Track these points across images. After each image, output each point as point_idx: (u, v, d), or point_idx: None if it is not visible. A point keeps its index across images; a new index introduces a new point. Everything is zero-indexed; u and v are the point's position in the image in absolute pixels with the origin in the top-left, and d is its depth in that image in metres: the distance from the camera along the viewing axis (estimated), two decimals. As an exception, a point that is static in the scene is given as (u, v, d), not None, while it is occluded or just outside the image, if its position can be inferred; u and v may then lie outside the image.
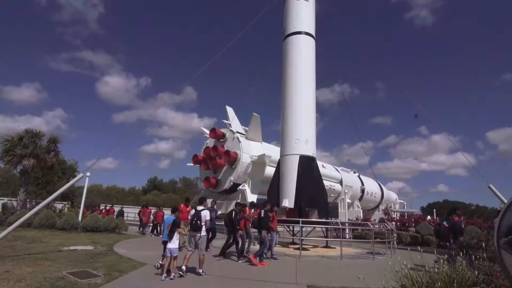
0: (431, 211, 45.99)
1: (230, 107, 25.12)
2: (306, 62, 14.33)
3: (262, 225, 9.13)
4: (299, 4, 15.02)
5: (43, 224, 15.55)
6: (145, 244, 12.06)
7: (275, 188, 13.83)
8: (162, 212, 16.26)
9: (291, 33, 14.64)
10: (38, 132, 21.38)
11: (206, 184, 22.71)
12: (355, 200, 31.70)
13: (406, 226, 18.07)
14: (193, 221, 6.77)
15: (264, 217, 9.19)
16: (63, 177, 33.70)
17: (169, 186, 62.99)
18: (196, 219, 6.76)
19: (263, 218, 9.19)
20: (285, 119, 13.95)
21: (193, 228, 6.76)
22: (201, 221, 6.71)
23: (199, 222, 6.70)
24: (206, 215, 6.80)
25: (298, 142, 13.35)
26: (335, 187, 28.32)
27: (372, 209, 36.55)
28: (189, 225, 6.89)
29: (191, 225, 6.80)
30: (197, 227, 6.70)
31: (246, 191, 22.12)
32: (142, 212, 18.02)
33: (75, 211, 18.74)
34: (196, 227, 6.70)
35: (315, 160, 13.76)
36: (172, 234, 6.55)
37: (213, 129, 23.48)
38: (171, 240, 6.53)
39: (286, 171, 13.38)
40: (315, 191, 13.14)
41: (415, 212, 23.94)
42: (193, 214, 6.96)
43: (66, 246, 10.29)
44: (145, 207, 17.96)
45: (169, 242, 6.52)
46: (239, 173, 21.90)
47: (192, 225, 6.78)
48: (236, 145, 22.35)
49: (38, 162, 20.90)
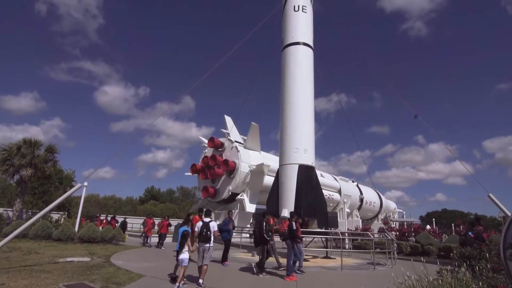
0: (430, 220, 45.84)
1: (228, 117, 25.20)
2: (304, 72, 14.44)
3: (294, 237, 8.70)
4: (297, 15, 15.23)
5: (39, 235, 15.32)
6: (143, 255, 11.89)
7: (275, 197, 13.75)
8: (167, 222, 15.77)
9: (290, 43, 14.80)
10: (36, 141, 21.27)
11: (205, 194, 22.57)
12: (354, 209, 31.58)
13: (406, 235, 17.95)
14: (203, 233, 6.88)
15: (296, 229, 8.78)
16: (60, 187, 33.36)
17: (166, 196, 62.47)
18: (205, 230, 6.86)
19: (296, 230, 8.73)
20: (284, 128, 13.97)
21: (202, 240, 6.86)
22: (211, 232, 6.84)
23: (209, 233, 6.84)
24: (214, 226, 6.98)
25: (297, 152, 13.34)
26: (334, 197, 28.23)
27: (371, 218, 36.36)
28: (198, 237, 6.99)
29: (201, 236, 6.90)
30: (207, 238, 6.83)
31: (245, 200, 22.00)
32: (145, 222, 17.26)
33: (71, 221, 18.48)
34: (206, 238, 6.83)
35: (314, 170, 13.74)
36: (182, 245, 6.69)
37: (211, 138, 23.47)
38: (182, 251, 6.65)
39: (285, 180, 13.33)
40: (315, 200, 13.08)
41: (414, 222, 23.82)
42: (201, 225, 7.04)
43: (63, 257, 10.12)
44: (148, 217, 17.24)
45: (180, 253, 6.64)
46: (238, 182, 21.82)
47: (201, 236, 6.88)
48: (235, 154, 22.32)
49: (36, 172, 20.73)
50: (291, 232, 8.65)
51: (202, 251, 6.85)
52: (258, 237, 8.84)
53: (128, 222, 21.09)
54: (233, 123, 24.42)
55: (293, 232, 8.65)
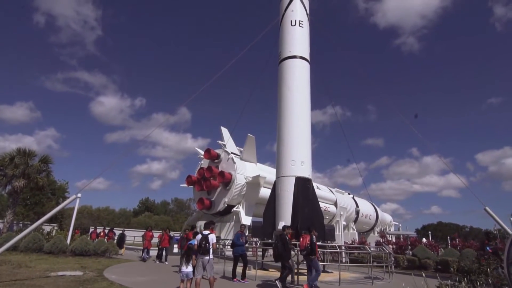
0: (426, 233, 45.76)
1: (225, 128, 25.21)
2: (301, 85, 14.58)
3: (314, 252, 8.51)
4: (294, 29, 15.48)
5: (30, 248, 14.96)
6: (137, 269, 11.63)
7: (271, 210, 13.65)
8: (167, 235, 15.12)
9: (287, 57, 14.99)
10: (30, 151, 21.01)
11: (200, 206, 22.32)
12: (350, 222, 31.40)
13: (403, 249, 17.84)
14: (202, 245, 6.90)
15: (316, 243, 8.58)
16: (53, 198, 32.87)
17: (161, 208, 61.66)
18: (205, 242, 6.87)
19: (315, 244, 8.53)
20: (281, 140, 14.00)
21: (202, 252, 6.87)
22: (209, 244, 6.87)
23: (208, 245, 6.86)
24: (213, 238, 7.00)
25: (294, 164, 13.33)
26: (330, 209, 28.10)
27: (367, 231, 36.15)
28: (197, 249, 7.00)
29: (200, 248, 6.91)
30: (206, 250, 6.84)
31: (241, 213, 21.78)
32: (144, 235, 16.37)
33: (63, 233, 18.11)
34: (205, 251, 6.84)
35: (311, 182, 13.71)
36: (188, 258, 6.75)
37: (207, 150, 23.38)
38: (187, 264, 6.69)
39: (282, 192, 13.26)
40: (312, 213, 13.00)
41: (411, 235, 23.71)
42: (201, 238, 7.03)
43: (54, 271, 9.86)
44: (148, 230, 16.45)
45: (184, 266, 6.68)
46: (234, 194, 21.65)
47: (200, 249, 6.89)
48: (231, 166, 22.23)
49: (28, 183, 20.41)
50: (312, 247, 8.44)
51: (202, 264, 6.86)
52: (281, 251, 8.48)
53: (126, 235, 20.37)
54: (230, 135, 24.40)
55: (313, 247, 8.44)
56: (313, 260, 8.49)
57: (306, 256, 8.67)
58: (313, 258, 8.47)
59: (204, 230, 7.26)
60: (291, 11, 15.79)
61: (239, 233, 10.36)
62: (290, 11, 15.80)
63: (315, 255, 8.47)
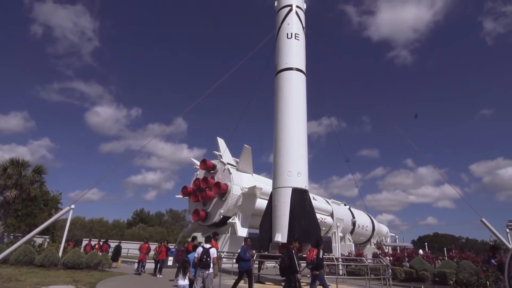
0: (422, 244, 45.50)
1: (221, 139, 25.18)
2: (297, 96, 14.71)
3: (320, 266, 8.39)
4: (290, 42, 15.70)
5: (21, 260, 14.58)
6: (130, 283, 11.38)
7: (268, 221, 13.54)
8: (165, 247, 14.54)
9: (283, 69, 15.15)
10: (24, 162, 20.73)
11: (195, 217, 22.07)
12: (347, 233, 31.21)
13: (400, 261, 17.71)
14: (203, 259, 6.86)
15: (322, 258, 8.44)
16: (45, 209, 32.28)
17: (155, 219, 60.80)
18: (205, 256, 6.84)
19: (321, 259, 8.39)
20: (277, 151, 14.00)
21: (202, 266, 6.83)
22: (210, 258, 6.83)
23: (208, 259, 6.83)
24: (213, 253, 6.96)
25: (290, 175, 13.32)
26: (327, 220, 27.94)
27: (363, 242, 35.92)
28: (198, 263, 6.95)
29: (200, 262, 6.87)
30: (206, 264, 6.81)
31: (236, 224, 21.56)
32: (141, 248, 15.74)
33: (55, 246, 17.71)
34: (206, 264, 6.81)
35: (308, 193, 13.67)
36: (185, 271, 6.67)
37: (203, 160, 23.27)
38: (184, 277, 6.59)
39: (279, 204, 13.20)
40: (309, 224, 12.92)
41: (407, 246, 23.62)
42: (202, 251, 6.98)
43: (45, 285, 9.60)
44: (144, 242, 15.75)
45: (182, 279, 6.58)
46: (230, 205, 21.47)
47: (201, 263, 6.85)
48: (227, 176, 22.11)
49: (21, 193, 20.06)
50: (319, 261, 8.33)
51: (202, 278, 6.81)
52: (288, 265, 8.09)
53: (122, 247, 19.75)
54: (226, 145, 24.35)
55: (319, 261, 8.33)
56: (320, 275, 8.36)
57: (312, 270, 8.56)
58: (318, 272, 8.34)
59: (205, 243, 7.21)
60: (287, 24, 16.06)
61: (245, 247, 9.85)
62: (286, 24, 16.07)
63: (322, 269, 8.36)
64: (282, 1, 16.71)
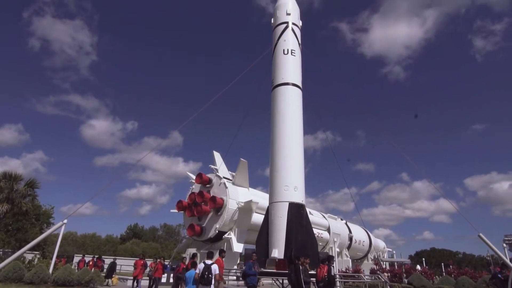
0: (420, 259, 45.11)
1: (217, 152, 25.09)
2: (294, 111, 14.81)
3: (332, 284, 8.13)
4: (286, 58, 15.94)
5: (9, 277, 14.11)
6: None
7: (264, 236, 13.35)
8: (161, 265, 13.99)
9: (280, 84, 15.32)
10: (16, 175, 20.41)
11: (190, 232, 21.69)
12: (344, 248, 30.84)
13: (398, 277, 17.47)
14: (204, 275, 6.78)
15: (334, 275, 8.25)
16: (36, 223, 31.57)
17: (149, 234, 59.70)
18: (207, 273, 6.76)
19: (333, 276, 8.17)
20: (274, 165, 13.97)
21: (203, 282, 6.75)
22: (212, 275, 6.77)
23: (210, 276, 6.76)
24: (215, 269, 6.89)
25: (287, 189, 13.24)
26: (323, 235, 27.64)
27: (360, 258, 35.48)
28: (200, 279, 6.85)
29: (201, 279, 6.78)
30: (207, 281, 6.75)
31: (232, 239, 21.22)
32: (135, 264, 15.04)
33: (46, 262, 17.22)
34: (207, 281, 6.74)
35: (305, 208, 13.57)
36: None
37: (199, 174, 23.08)
38: None
39: (275, 219, 13.05)
40: (306, 240, 12.75)
41: (405, 262, 23.33)
42: (203, 268, 6.88)
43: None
44: (140, 259, 15.07)
45: None
46: (225, 220, 21.17)
47: (202, 279, 6.76)
48: (223, 190, 21.90)
49: (12, 208, 19.65)
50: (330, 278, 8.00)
51: None
52: (294, 282, 7.90)
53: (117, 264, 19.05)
54: (222, 159, 24.25)
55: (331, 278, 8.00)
56: None
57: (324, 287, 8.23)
58: None
59: (207, 259, 7.11)
60: (283, 41, 16.34)
61: (251, 262, 9.61)
62: (282, 41, 16.35)
63: (335, 287, 8.09)
64: (279, 19, 17.08)
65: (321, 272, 8.40)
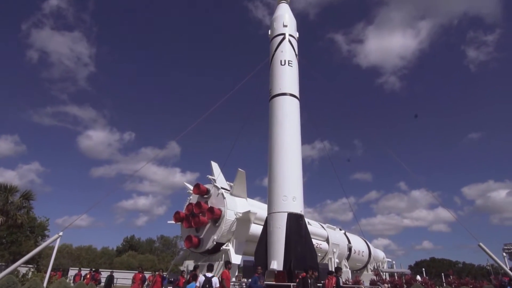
0: (420, 269, 44.71)
1: (215, 163, 24.99)
2: (292, 121, 14.89)
3: None
4: (283, 69, 16.11)
5: (2, 292, 13.79)
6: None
7: (263, 247, 13.21)
8: (160, 277, 13.82)
9: (277, 94, 15.43)
10: (12, 187, 20.18)
11: (188, 244, 21.38)
12: (343, 259, 30.49)
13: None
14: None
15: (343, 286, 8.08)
16: (31, 236, 31.05)
17: (145, 246, 58.84)
18: (207, 286, 6.70)
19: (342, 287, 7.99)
20: (272, 176, 13.94)
21: None
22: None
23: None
24: (216, 282, 6.82)
25: (285, 199, 13.18)
26: (322, 246, 27.35)
27: (360, 269, 35.07)
28: None
29: None
30: None
31: (230, 251, 20.94)
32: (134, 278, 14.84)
33: (40, 276, 16.87)
34: None
35: (304, 218, 13.49)
36: None
37: (197, 185, 22.91)
38: None
39: (274, 229, 12.94)
40: (305, 251, 12.63)
41: (405, 272, 23.12)
42: (203, 280, 6.80)
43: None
44: (138, 272, 14.90)
45: None
46: (223, 231, 20.94)
47: None
48: (221, 201, 21.72)
49: (7, 220, 19.35)
50: None
51: None
52: None
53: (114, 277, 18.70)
54: (220, 170, 24.15)
55: None
56: None
57: None
58: None
59: (207, 272, 7.01)
60: (280, 52, 16.55)
61: (256, 276, 9.40)
62: (280, 52, 16.56)
63: None
64: (276, 30, 17.33)
65: (329, 284, 8.30)
